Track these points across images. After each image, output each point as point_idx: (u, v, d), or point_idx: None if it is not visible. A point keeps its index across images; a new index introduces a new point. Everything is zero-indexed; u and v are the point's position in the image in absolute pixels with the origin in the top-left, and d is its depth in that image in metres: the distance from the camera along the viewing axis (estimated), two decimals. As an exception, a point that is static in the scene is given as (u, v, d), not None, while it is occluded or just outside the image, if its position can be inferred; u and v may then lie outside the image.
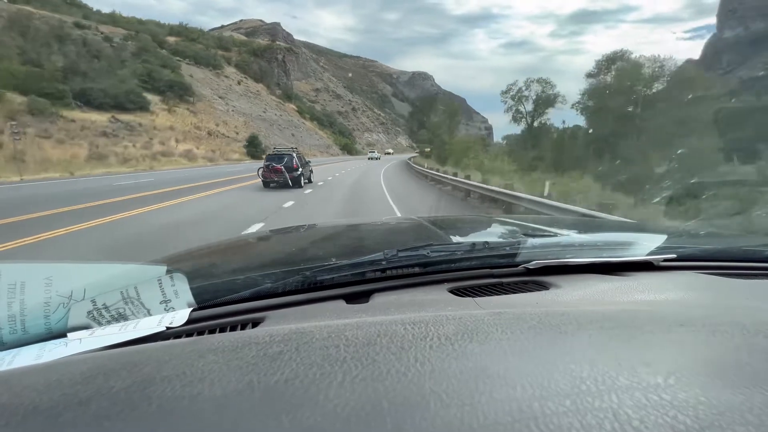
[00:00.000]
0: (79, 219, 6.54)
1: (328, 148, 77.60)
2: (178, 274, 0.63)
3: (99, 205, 8.30)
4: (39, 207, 7.76)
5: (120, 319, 0.59)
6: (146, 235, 5.82)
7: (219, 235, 5.56)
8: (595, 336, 0.42)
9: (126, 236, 5.71)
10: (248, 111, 61.67)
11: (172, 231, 6.12)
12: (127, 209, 7.76)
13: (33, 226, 5.99)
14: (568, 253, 0.84)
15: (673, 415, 0.27)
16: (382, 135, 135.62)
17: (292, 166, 12.60)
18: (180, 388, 0.32)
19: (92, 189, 11.98)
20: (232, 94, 63.47)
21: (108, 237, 5.62)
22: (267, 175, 12.47)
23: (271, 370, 0.34)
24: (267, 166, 12.58)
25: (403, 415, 0.27)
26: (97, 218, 6.69)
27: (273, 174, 12.38)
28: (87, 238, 5.45)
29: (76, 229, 5.85)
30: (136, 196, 10.08)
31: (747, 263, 0.88)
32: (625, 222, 3.30)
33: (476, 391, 0.30)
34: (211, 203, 9.33)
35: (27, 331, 0.54)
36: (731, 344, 0.38)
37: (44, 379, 0.35)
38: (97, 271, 0.61)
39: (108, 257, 4.21)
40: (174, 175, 18.87)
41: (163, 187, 12.70)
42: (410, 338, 0.41)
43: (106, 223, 6.46)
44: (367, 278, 0.74)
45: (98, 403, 0.30)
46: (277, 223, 6.51)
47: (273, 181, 12.39)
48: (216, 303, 0.65)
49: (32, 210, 7.33)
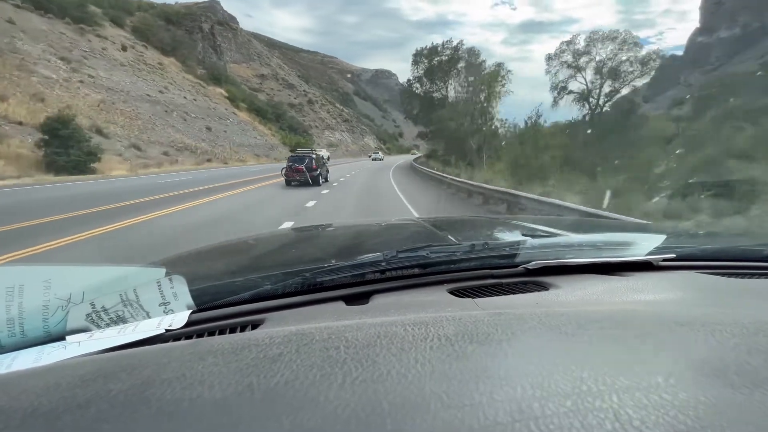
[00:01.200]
0: None
1: (272, 149, 52.03)
2: (177, 276, 0.63)
3: None
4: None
5: (119, 322, 0.59)
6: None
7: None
8: (595, 336, 0.42)
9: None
10: (127, 87, 37.02)
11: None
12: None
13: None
14: (568, 253, 0.84)
15: (674, 415, 0.26)
16: (346, 134, 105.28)
17: (311, 166, 14.10)
18: (180, 391, 0.31)
19: None
20: (102, 61, 38.29)
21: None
22: (289, 175, 14.04)
23: (271, 372, 0.34)
24: (289, 167, 14.20)
25: (403, 416, 0.27)
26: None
27: (295, 173, 13.95)
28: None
29: None
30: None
31: (746, 263, 0.88)
32: (625, 222, 3.54)
33: (476, 392, 0.30)
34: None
35: (25, 335, 0.54)
36: (731, 344, 0.38)
37: (43, 383, 0.35)
38: (96, 273, 0.62)
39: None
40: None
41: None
42: (410, 339, 0.41)
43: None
44: (367, 279, 0.73)
45: (97, 406, 0.30)
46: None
47: (295, 179, 13.93)
48: (215, 305, 0.65)
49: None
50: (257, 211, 8.27)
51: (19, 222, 6.05)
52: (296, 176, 13.88)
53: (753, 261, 0.89)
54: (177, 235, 5.76)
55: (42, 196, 9.77)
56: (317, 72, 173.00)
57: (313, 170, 14.04)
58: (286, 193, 11.81)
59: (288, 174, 14.07)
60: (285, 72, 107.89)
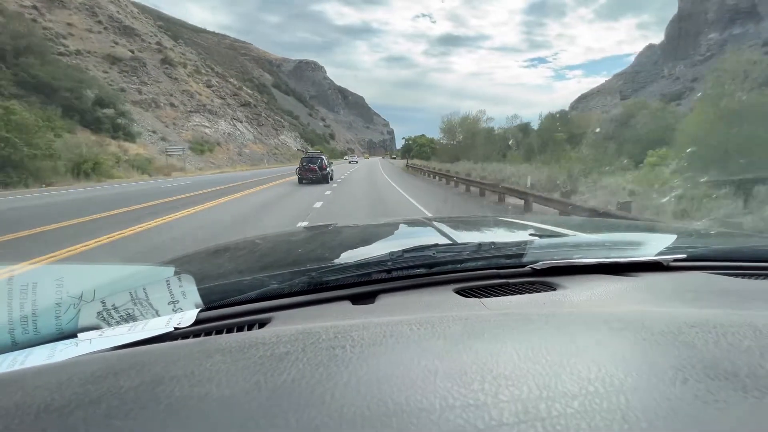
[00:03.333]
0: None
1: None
2: (185, 275, 0.64)
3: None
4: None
5: (129, 320, 0.60)
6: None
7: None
8: (603, 337, 0.42)
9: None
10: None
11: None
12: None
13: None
14: (576, 253, 0.83)
15: (683, 417, 0.27)
16: (246, 126, 64.62)
17: (322, 166, 16.38)
18: (188, 388, 0.32)
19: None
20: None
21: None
22: (303, 174, 16.20)
23: (278, 370, 0.34)
24: (303, 167, 16.39)
25: (408, 415, 0.27)
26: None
27: (308, 173, 16.13)
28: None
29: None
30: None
31: (759, 263, 0.86)
32: (634, 222, 3.39)
33: (482, 392, 0.30)
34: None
35: (39, 332, 0.55)
36: (743, 346, 0.37)
37: (56, 379, 0.35)
38: (107, 272, 0.63)
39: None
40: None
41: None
42: (416, 339, 0.41)
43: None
44: (373, 279, 0.74)
45: (108, 403, 0.30)
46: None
47: (307, 178, 16.05)
48: (223, 304, 0.66)
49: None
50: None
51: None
52: (309, 174, 16.10)
53: (766, 261, 0.87)
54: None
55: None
56: (225, 57, 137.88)
57: (323, 170, 16.32)
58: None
59: (302, 173, 16.30)
60: (125, 15, 57.53)
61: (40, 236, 5.79)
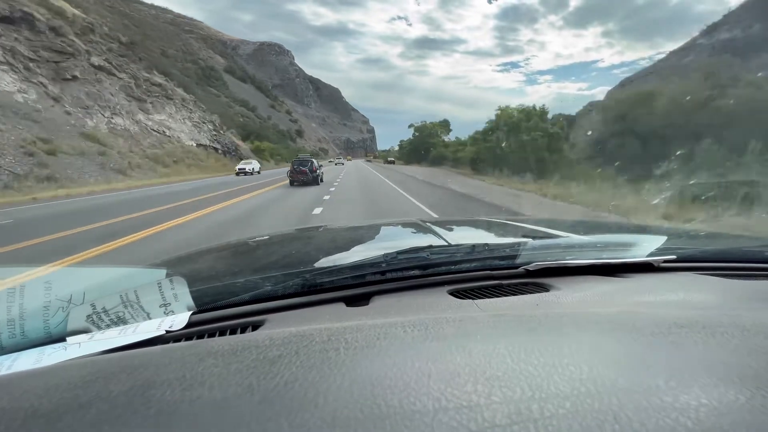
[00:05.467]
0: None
1: None
2: (177, 277, 0.63)
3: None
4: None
5: (119, 323, 0.59)
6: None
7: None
8: (594, 338, 0.42)
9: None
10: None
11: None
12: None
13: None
14: (568, 254, 0.84)
15: (675, 417, 0.26)
16: (178, 117, 35.69)
17: (312, 169, 16.58)
18: (180, 392, 0.32)
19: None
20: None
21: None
22: (294, 176, 16.33)
23: (271, 373, 0.34)
24: (294, 169, 16.53)
25: (402, 418, 0.27)
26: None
27: (299, 175, 16.29)
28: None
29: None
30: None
31: (747, 264, 0.88)
32: (625, 223, 3.47)
33: (474, 394, 0.30)
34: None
35: (26, 336, 0.54)
36: (732, 345, 0.38)
37: (44, 384, 0.35)
38: (97, 274, 0.62)
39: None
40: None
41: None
42: (410, 341, 0.41)
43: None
44: (367, 281, 0.73)
45: (98, 407, 0.30)
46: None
47: (299, 180, 16.21)
48: (216, 306, 0.65)
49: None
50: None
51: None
52: (300, 177, 16.27)
53: (754, 262, 0.89)
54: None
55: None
56: (166, 35, 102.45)
57: (313, 172, 16.59)
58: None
59: (293, 176, 16.44)
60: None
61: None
